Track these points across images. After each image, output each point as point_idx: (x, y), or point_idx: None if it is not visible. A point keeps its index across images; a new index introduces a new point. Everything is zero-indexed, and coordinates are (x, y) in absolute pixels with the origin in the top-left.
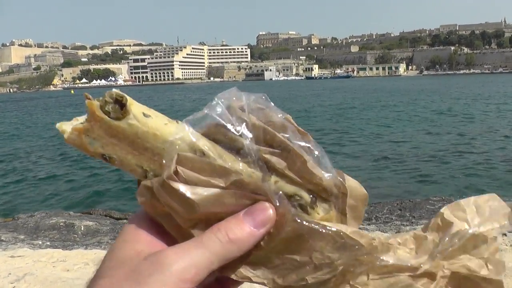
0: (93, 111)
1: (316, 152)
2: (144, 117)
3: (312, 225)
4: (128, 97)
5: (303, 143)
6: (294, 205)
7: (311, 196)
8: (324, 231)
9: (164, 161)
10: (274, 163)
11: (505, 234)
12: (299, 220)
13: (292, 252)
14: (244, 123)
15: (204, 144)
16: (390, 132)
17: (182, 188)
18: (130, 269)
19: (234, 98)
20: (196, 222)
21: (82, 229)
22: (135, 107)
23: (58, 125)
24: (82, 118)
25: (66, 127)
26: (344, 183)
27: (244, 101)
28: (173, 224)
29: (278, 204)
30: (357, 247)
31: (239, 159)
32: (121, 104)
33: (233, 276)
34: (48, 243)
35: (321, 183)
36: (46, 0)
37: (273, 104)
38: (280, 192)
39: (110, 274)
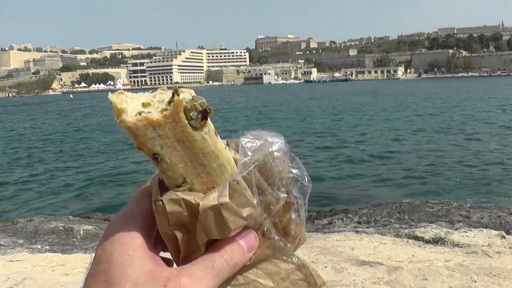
0: (177, 111)
1: (300, 206)
2: (215, 136)
3: (287, 253)
4: (212, 112)
5: (296, 197)
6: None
7: (276, 235)
8: (294, 259)
9: (220, 189)
10: (269, 204)
11: (503, 237)
12: (277, 245)
13: (259, 276)
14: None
15: (246, 180)
16: (389, 134)
17: (228, 216)
18: None
19: (284, 144)
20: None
21: (81, 233)
22: (211, 124)
23: (116, 102)
24: (137, 101)
25: (126, 107)
26: (304, 233)
27: (285, 147)
28: (187, 238)
29: (261, 236)
30: (313, 284)
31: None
32: (204, 115)
33: None
34: (47, 247)
35: (290, 231)
36: (45, 5)
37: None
38: (264, 226)
39: None
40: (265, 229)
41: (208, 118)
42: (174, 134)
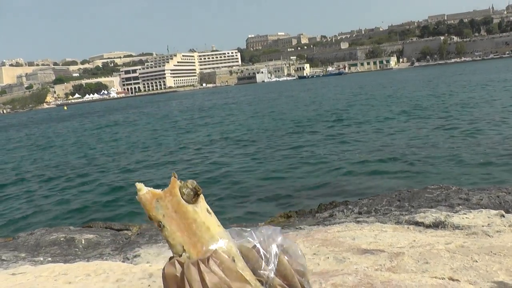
0: (173, 187)
1: None
2: (207, 213)
3: None
4: (201, 191)
5: None
6: None
7: None
8: None
9: (204, 248)
10: None
11: (503, 216)
12: None
13: None
14: (274, 254)
15: (237, 254)
16: (386, 123)
17: (207, 273)
18: None
19: (273, 234)
20: None
21: (83, 242)
22: (203, 202)
23: (138, 184)
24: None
25: (143, 187)
26: None
27: (280, 241)
28: None
29: None
30: None
31: (255, 278)
32: (195, 193)
33: None
34: (50, 258)
35: None
36: (34, 18)
37: (300, 252)
38: None
39: None
40: None
41: (202, 198)
42: (172, 205)
